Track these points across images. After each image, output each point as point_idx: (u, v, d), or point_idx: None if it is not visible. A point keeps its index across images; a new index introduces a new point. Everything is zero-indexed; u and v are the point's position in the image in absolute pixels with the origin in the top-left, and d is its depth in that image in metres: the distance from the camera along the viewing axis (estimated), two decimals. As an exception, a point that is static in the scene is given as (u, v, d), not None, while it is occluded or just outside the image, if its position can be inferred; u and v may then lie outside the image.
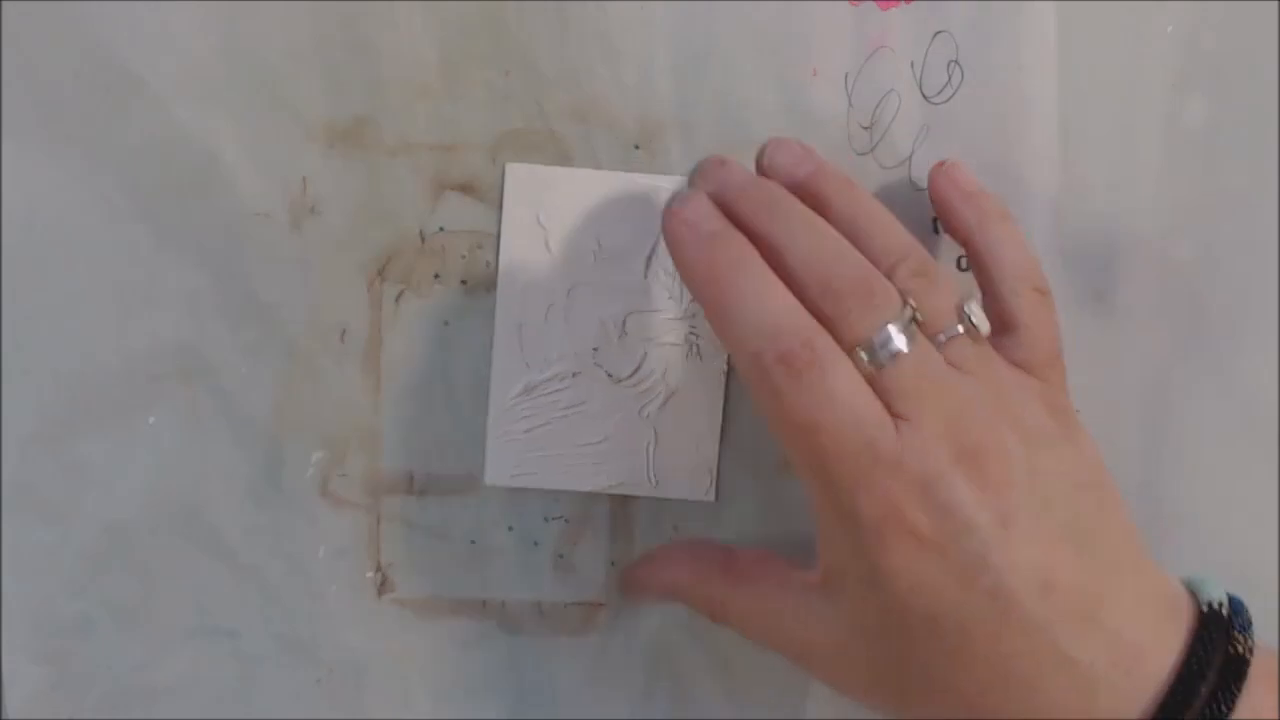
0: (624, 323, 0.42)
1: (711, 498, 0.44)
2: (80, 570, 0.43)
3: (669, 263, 0.39)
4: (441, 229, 0.43)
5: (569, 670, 0.45)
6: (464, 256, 0.43)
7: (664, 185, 0.41)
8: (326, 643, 0.45)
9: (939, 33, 0.41)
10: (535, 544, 0.45)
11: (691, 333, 0.42)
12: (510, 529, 0.44)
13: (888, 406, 0.33)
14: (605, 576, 0.45)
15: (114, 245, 0.41)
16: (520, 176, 0.42)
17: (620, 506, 0.44)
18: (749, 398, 0.43)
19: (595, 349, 0.42)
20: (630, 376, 0.43)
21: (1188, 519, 0.44)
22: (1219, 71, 0.42)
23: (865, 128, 0.42)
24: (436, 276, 0.43)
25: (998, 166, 0.42)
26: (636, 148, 0.42)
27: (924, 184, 0.42)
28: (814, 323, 0.33)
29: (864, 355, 0.33)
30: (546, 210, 0.42)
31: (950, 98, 0.42)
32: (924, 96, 0.42)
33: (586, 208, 0.42)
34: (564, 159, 0.42)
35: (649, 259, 0.42)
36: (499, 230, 0.42)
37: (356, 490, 0.44)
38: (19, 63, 0.40)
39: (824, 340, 0.33)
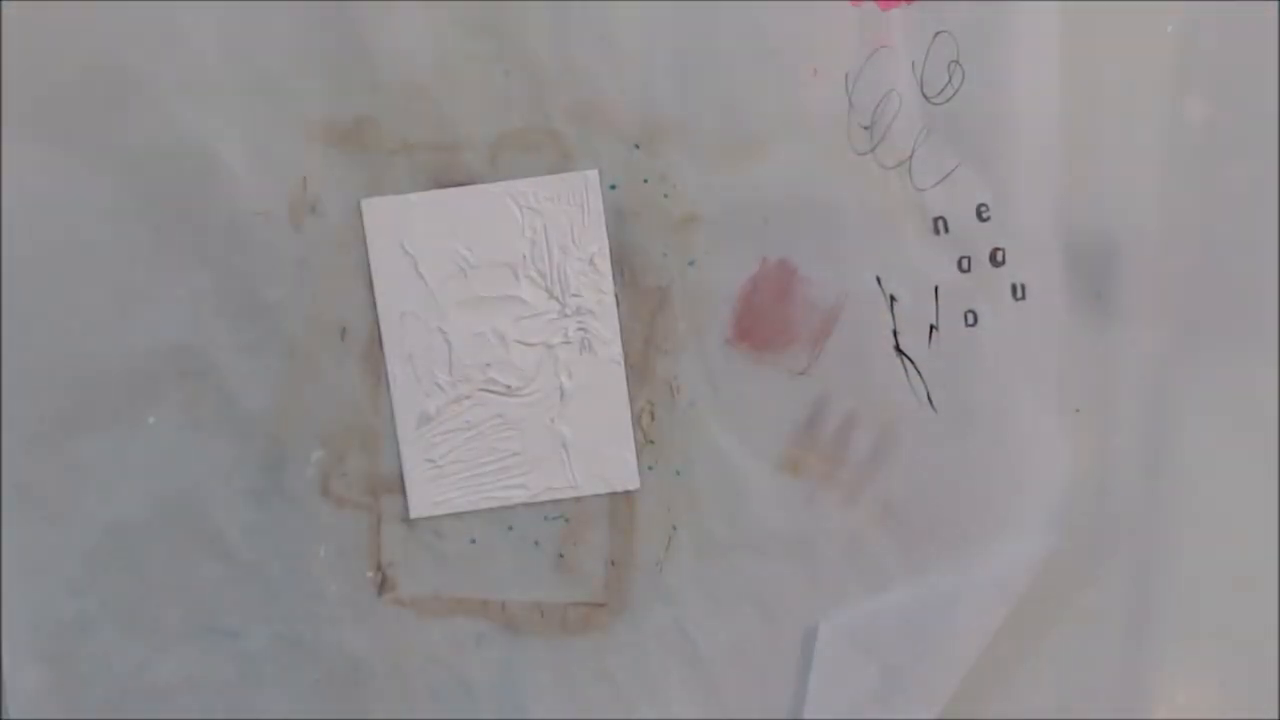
0: (509, 333, 0.42)
1: (636, 485, 0.44)
2: (80, 570, 0.43)
3: (543, 264, 0.39)
4: (442, 229, 0.43)
5: (569, 670, 0.45)
6: (464, 256, 0.43)
7: (519, 190, 0.41)
8: (326, 643, 0.45)
9: (940, 33, 0.41)
10: (535, 544, 0.45)
11: (580, 328, 0.42)
12: (510, 529, 0.44)
13: None
14: (605, 576, 0.45)
15: (114, 245, 0.42)
16: (377, 209, 0.41)
17: (620, 506, 0.44)
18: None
19: (487, 364, 0.42)
20: (528, 386, 0.43)
21: (1188, 519, 0.44)
22: (1219, 71, 0.42)
23: (865, 127, 0.42)
24: (437, 276, 0.43)
25: (997, 166, 0.42)
26: (637, 147, 0.42)
27: (924, 184, 0.42)
28: None
29: None
30: (410, 238, 0.41)
31: (951, 98, 0.42)
32: (925, 96, 0.42)
33: (448, 227, 0.41)
34: (564, 158, 0.42)
35: (520, 264, 0.41)
36: (368, 268, 0.42)
37: (357, 489, 0.44)
38: (19, 63, 0.40)
39: None
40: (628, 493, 0.44)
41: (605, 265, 0.41)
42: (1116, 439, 0.44)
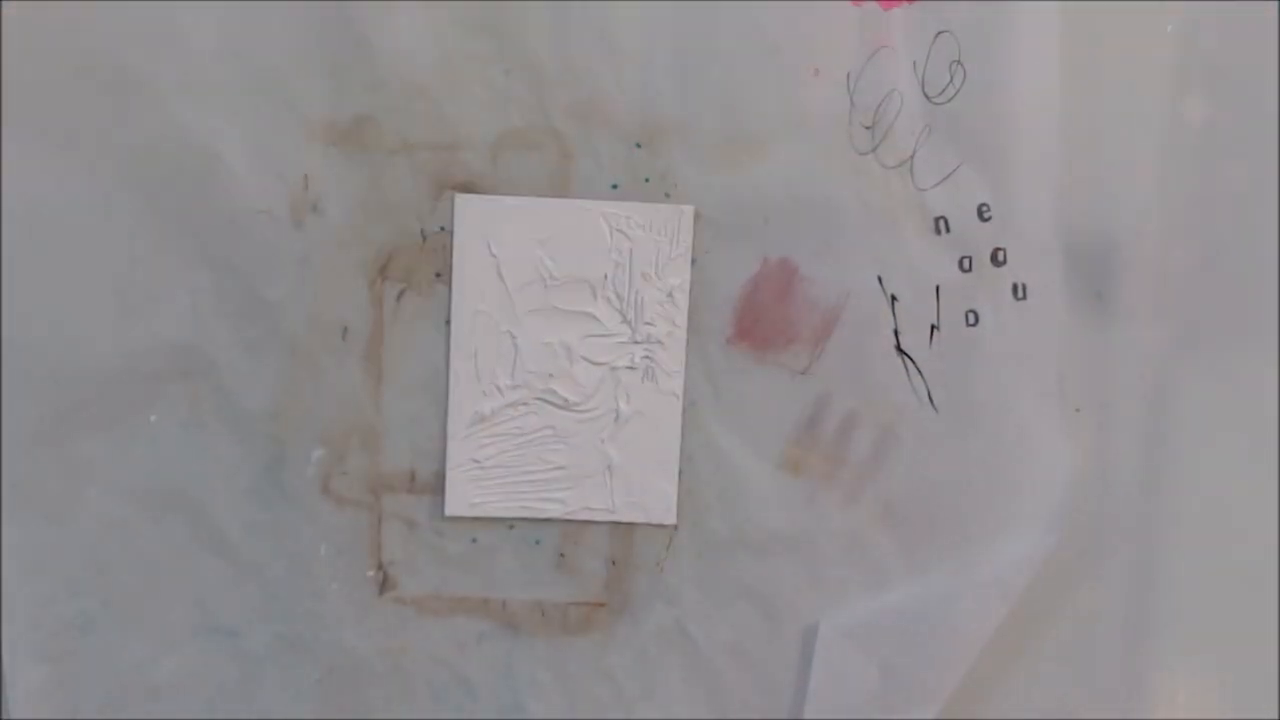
0: (577, 348, 0.42)
1: (672, 521, 0.44)
2: (80, 569, 0.43)
3: (622, 288, 0.39)
4: (442, 228, 0.43)
5: (569, 669, 0.45)
6: (465, 256, 0.43)
7: (613, 212, 0.41)
8: (326, 642, 0.45)
9: (941, 33, 0.41)
10: (536, 543, 0.45)
11: (646, 356, 0.42)
12: (511, 527, 0.44)
13: None
14: (606, 576, 0.45)
15: (114, 245, 0.41)
16: (470, 207, 0.42)
17: (621, 505, 0.45)
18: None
19: (550, 375, 0.43)
20: (585, 402, 0.43)
21: (1188, 519, 0.44)
22: (1219, 71, 0.42)
23: (867, 127, 0.42)
24: (438, 275, 0.43)
25: (998, 166, 0.42)
26: (638, 146, 0.42)
27: (925, 184, 0.42)
28: None
29: None
30: (498, 240, 0.42)
31: (953, 97, 0.42)
32: (926, 96, 0.42)
33: (537, 236, 0.42)
34: (564, 158, 0.42)
35: (600, 284, 0.42)
36: (450, 261, 0.42)
37: (358, 488, 0.44)
38: (19, 63, 0.40)
39: None
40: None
41: (683, 300, 0.42)
42: (1116, 439, 0.44)
